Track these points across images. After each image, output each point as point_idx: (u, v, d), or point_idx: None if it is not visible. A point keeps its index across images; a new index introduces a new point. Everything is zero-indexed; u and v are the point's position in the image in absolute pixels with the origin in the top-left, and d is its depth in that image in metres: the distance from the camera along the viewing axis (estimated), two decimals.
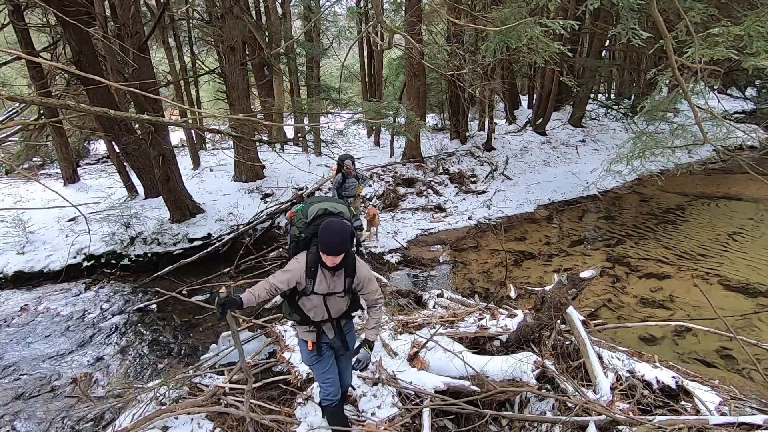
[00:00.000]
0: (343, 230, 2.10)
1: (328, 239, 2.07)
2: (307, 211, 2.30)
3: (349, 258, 2.20)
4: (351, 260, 2.24)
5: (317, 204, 2.30)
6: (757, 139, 9.69)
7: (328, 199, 2.38)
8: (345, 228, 2.12)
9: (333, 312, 2.35)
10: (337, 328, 2.43)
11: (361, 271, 2.28)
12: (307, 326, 2.38)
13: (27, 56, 2.55)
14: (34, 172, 10.88)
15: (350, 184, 6.62)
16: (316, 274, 2.22)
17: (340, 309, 2.38)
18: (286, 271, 2.24)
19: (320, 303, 2.30)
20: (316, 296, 2.27)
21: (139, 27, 6.48)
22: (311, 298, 2.29)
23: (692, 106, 3.68)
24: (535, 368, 2.80)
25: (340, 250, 2.09)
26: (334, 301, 2.32)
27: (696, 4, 4.27)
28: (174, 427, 2.86)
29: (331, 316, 2.37)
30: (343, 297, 2.32)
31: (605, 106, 15.38)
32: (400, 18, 9.39)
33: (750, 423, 2.26)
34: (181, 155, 10.84)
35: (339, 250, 2.09)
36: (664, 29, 3.32)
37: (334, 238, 2.07)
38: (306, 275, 2.22)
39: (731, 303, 4.78)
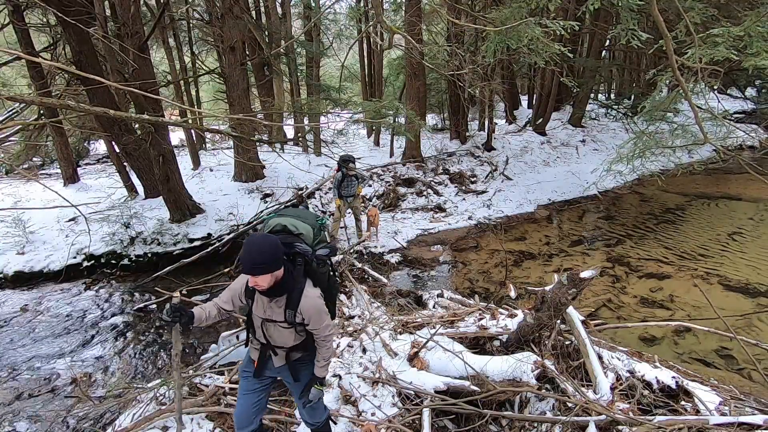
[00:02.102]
0: (268, 248, 1.81)
1: (246, 256, 1.80)
2: (267, 223, 2.12)
3: (287, 285, 1.93)
4: (293, 290, 1.95)
5: (279, 218, 2.08)
6: (757, 139, 9.69)
7: (298, 214, 2.13)
8: (271, 247, 1.82)
9: (274, 341, 2.09)
10: (287, 360, 2.14)
11: (306, 304, 1.95)
12: (256, 343, 2.17)
13: (27, 56, 2.55)
14: (34, 172, 10.89)
15: (349, 183, 6.64)
16: (254, 294, 2.02)
17: (285, 342, 2.08)
18: (229, 289, 2.08)
19: (259, 327, 2.08)
20: (257, 318, 2.07)
21: (139, 27, 6.48)
22: (253, 319, 2.09)
23: (692, 106, 3.68)
24: (535, 368, 2.80)
25: (259, 271, 1.80)
26: (276, 329, 2.05)
27: (696, 4, 4.27)
28: (174, 427, 2.86)
29: (272, 345, 2.11)
30: (287, 328, 2.02)
31: (605, 106, 15.38)
32: (400, 18, 9.39)
33: (750, 423, 2.26)
34: (181, 155, 10.84)
35: (258, 270, 1.80)
36: (664, 29, 3.32)
37: (253, 256, 1.79)
38: (245, 294, 2.05)
39: (731, 303, 4.78)
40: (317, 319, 1.99)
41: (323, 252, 2.02)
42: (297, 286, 1.95)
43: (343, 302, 4.68)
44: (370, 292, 4.96)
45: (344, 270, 5.14)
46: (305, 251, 1.97)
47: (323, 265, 2.06)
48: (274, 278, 1.87)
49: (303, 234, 2.04)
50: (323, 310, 2.01)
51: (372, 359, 3.20)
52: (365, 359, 3.23)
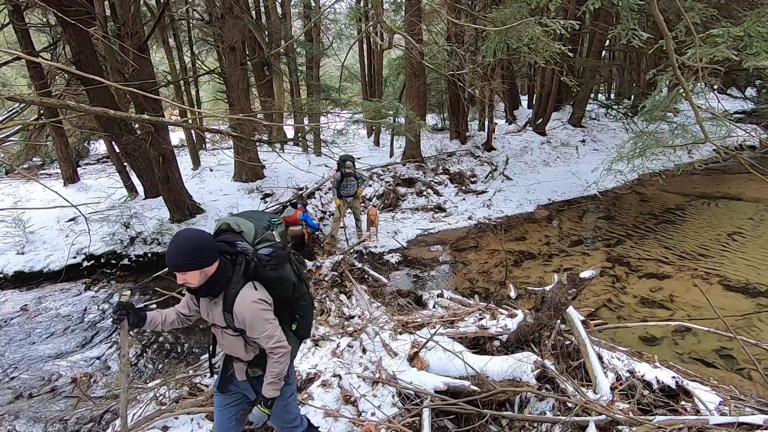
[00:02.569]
0: (192, 243, 1.70)
1: (168, 251, 1.70)
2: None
3: (219, 284, 1.78)
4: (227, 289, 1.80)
5: (229, 218, 1.95)
6: (757, 138, 9.69)
7: (249, 215, 1.99)
8: (197, 241, 1.71)
9: (229, 351, 1.97)
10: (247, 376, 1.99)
11: (239, 306, 1.78)
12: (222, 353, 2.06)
13: (27, 56, 2.55)
14: (34, 172, 10.89)
15: (348, 183, 6.65)
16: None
17: (238, 353, 1.94)
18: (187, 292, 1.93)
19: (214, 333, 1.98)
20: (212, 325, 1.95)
21: (139, 27, 6.48)
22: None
23: (693, 106, 3.67)
24: (535, 368, 2.80)
25: (180, 267, 1.69)
26: (225, 337, 1.92)
27: (696, 4, 4.27)
28: (174, 427, 2.85)
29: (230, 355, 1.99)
30: (234, 336, 1.88)
31: (605, 106, 15.38)
32: (400, 18, 9.39)
33: (750, 423, 2.25)
34: (181, 155, 10.85)
35: (179, 266, 1.69)
36: (664, 29, 3.32)
37: (174, 251, 1.68)
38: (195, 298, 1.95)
39: (731, 303, 4.78)
40: (253, 325, 1.80)
41: (265, 251, 1.83)
42: (233, 286, 1.80)
43: (343, 302, 4.68)
44: (370, 292, 4.96)
45: (344, 270, 5.14)
46: (246, 249, 1.84)
47: (271, 267, 1.83)
48: (205, 275, 1.74)
49: (244, 232, 1.89)
50: (262, 315, 1.80)
51: (372, 359, 3.20)
52: (365, 359, 3.23)
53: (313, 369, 3.23)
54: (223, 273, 1.79)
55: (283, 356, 1.87)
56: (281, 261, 1.85)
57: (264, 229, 1.92)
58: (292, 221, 6.19)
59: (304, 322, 2.09)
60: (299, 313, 2.05)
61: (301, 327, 2.09)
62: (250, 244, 1.86)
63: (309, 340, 3.65)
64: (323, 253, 6.04)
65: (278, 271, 1.87)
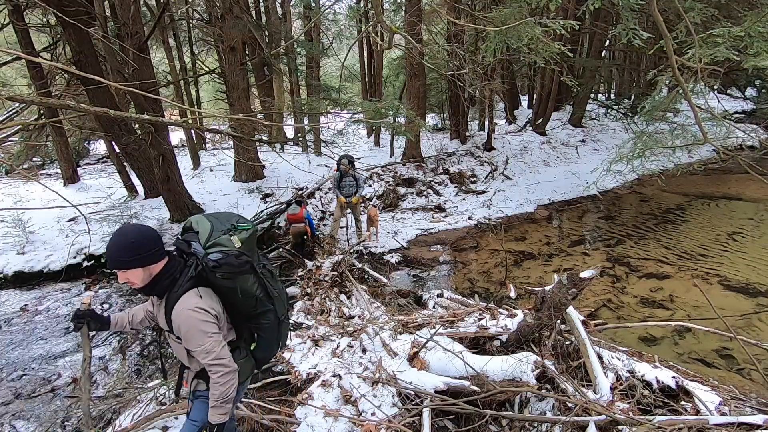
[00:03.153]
0: (131, 239, 1.58)
1: (107, 247, 1.59)
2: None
3: (160, 285, 1.66)
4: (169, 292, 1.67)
5: (196, 216, 1.83)
6: (757, 139, 9.69)
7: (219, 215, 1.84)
8: (138, 237, 1.60)
9: (176, 355, 1.85)
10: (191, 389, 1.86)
11: (177, 312, 1.62)
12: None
13: (27, 56, 2.55)
14: (34, 172, 10.89)
15: (347, 183, 6.66)
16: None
17: (182, 358, 1.83)
18: None
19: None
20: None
21: (139, 27, 6.48)
22: None
23: (692, 106, 3.68)
24: (535, 368, 2.80)
25: (115, 263, 1.58)
26: (172, 342, 1.81)
27: (696, 4, 4.27)
28: (174, 427, 2.86)
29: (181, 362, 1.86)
30: (178, 342, 1.73)
31: (605, 106, 15.39)
32: (400, 18, 9.39)
33: (750, 423, 2.25)
34: (181, 155, 10.86)
35: (115, 263, 1.58)
36: (664, 29, 3.32)
37: (112, 246, 1.58)
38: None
39: (731, 303, 4.78)
40: (188, 336, 1.62)
41: (213, 256, 1.65)
42: (177, 289, 1.65)
43: (343, 302, 4.68)
44: (370, 292, 4.96)
45: (344, 270, 5.14)
46: (197, 252, 1.70)
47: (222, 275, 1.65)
48: (149, 274, 1.63)
49: (199, 232, 1.74)
50: (200, 326, 1.61)
51: (372, 359, 3.20)
52: (365, 359, 3.23)
53: (313, 369, 3.23)
54: (168, 273, 1.66)
55: (222, 376, 1.65)
56: (231, 270, 1.65)
57: (222, 232, 1.73)
58: (297, 219, 6.21)
59: (264, 344, 1.88)
60: (260, 333, 1.86)
61: (261, 349, 1.88)
62: (201, 246, 1.71)
63: (309, 340, 3.64)
64: (323, 253, 6.04)
65: (234, 281, 1.69)
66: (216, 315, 1.68)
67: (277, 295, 1.86)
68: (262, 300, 1.79)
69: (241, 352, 1.82)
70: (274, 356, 2.00)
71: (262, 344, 1.87)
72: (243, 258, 1.69)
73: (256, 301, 1.77)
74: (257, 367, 1.93)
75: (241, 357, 1.81)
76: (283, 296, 1.92)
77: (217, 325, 1.67)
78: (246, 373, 1.86)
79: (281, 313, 1.88)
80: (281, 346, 1.97)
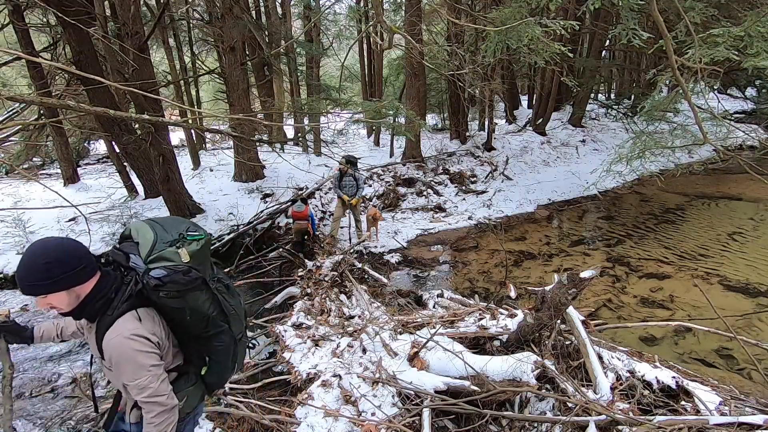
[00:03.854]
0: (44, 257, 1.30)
1: (17, 269, 1.33)
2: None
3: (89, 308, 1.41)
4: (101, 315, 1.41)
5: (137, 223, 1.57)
6: (757, 139, 9.69)
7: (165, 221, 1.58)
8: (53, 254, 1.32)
9: (114, 384, 1.62)
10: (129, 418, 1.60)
11: (108, 341, 1.38)
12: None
13: (27, 56, 2.55)
14: (34, 172, 10.89)
15: (347, 183, 6.68)
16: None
17: (117, 386, 1.58)
18: None
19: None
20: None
21: (139, 27, 6.48)
22: None
23: (692, 106, 3.68)
24: (535, 368, 2.80)
25: (27, 288, 1.32)
26: (106, 369, 1.51)
27: (696, 4, 4.27)
28: None
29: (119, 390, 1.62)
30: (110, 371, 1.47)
31: (605, 106, 15.39)
32: (400, 18, 9.39)
33: (750, 423, 2.26)
34: (181, 155, 10.86)
35: (26, 287, 1.32)
36: (664, 29, 3.32)
37: (21, 268, 1.31)
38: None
39: (731, 303, 4.78)
40: (121, 368, 1.38)
41: (156, 273, 1.40)
42: (111, 312, 1.40)
43: (343, 302, 4.68)
44: (370, 292, 4.96)
45: (344, 270, 5.14)
46: (138, 267, 1.46)
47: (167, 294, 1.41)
48: (76, 296, 1.38)
49: (140, 243, 1.49)
50: (135, 358, 1.36)
51: (372, 359, 3.20)
52: (365, 359, 3.23)
53: (313, 369, 3.23)
54: (100, 293, 1.41)
55: (158, 415, 1.41)
56: (178, 288, 1.42)
57: (167, 243, 1.48)
58: (301, 216, 6.25)
59: (216, 368, 1.64)
60: (212, 356, 1.62)
61: (213, 374, 1.65)
62: (142, 261, 1.46)
63: (309, 340, 3.64)
64: (323, 253, 6.04)
65: (182, 300, 1.44)
66: (158, 342, 1.44)
67: (234, 312, 1.64)
68: (215, 319, 1.55)
69: (189, 378, 1.60)
70: (228, 380, 1.78)
71: (214, 368, 1.64)
72: (192, 274, 1.45)
73: (208, 321, 1.53)
74: (208, 393, 1.71)
75: (189, 384, 1.59)
76: (240, 313, 1.70)
77: (157, 354, 1.43)
78: (194, 402, 1.64)
79: (237, 332, 1.65)
80: (237, 368, 1.74)
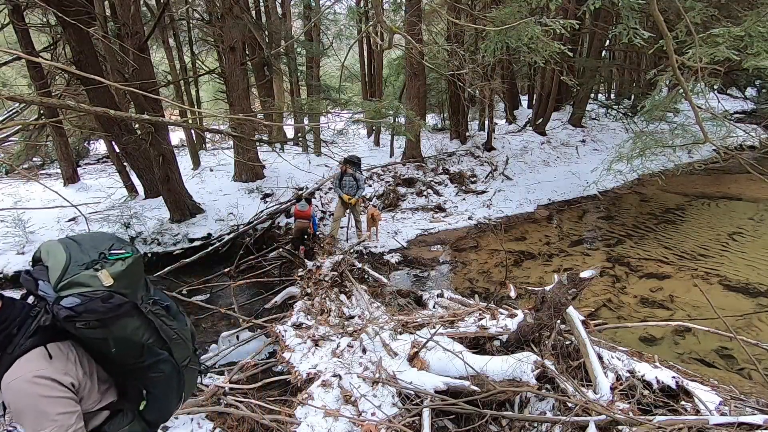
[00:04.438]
0: None
1: None
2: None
3: None
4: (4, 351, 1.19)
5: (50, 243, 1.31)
6: (757, 139, 9.69)
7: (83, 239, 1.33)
8: None
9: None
10: None
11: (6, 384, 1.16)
12: None
13: (27, 56, 2.55)
14: (34, 172, 10.89)
15: (347, 183, 6.69)
16: None
17: None
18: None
19: None
20: None
21: (139, 27, 6.48)
22: None
23: (693, 106, 3.68)
24: (535, 368, 2.80)
25: None
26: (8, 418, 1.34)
27: (696, 4, 4.27)
28: (174, 427, 2.86)
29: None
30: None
31: (605, 106, 15.38)
32: (400, 18, 9.39)
33: (750, 423, 2.25)
34: (181, 155, 10.86)
35: None
36: (664, 29, 3.32)
37: None
38: None
39: (731, 303, 4.78)
40: (23, 417, 1.15)
41: (68, 302, 1.18)
42: (12, 349, 1.18)
43: (343, 302, 4.68)
44: (370, 292, 4.95)
45: (344, 270, 5.14)
46: (47, 295, 1.22)
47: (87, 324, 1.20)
48: None
49: (50, 267, 1.24)
50: (39, 407, 1.13)
51: (372, 359, 3.20)
52: (365, 359, 3.23)
53: (313, 369, 3.23)
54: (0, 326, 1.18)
55: None
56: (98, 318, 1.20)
57: (83, 265, 1.24)
58: (305, 215, 6.26)
59: (156, 402, 1.41)
60: (150, 389, 1.40)
61: (153, 409, 1.41)
62: (52, 288, 1.21)
63: (309, 340, 3.64)
64: (323, 253, 6.04)
65: (106, 330, 1.23)
66: (72, 383, 1.20)
67: (176, 336, 1.43)
68: (151, 347, 1.34)
69: (125, 416, 1.37)
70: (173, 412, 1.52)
71: (154, 403, 1.41)
72: (115, 300, 1.24)
73: (142, 350, 1.32)
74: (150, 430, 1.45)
75: (124, 424, 1.35)
76: (186, 335, 1.49)
77: (69, 399, 1.19)
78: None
79: (182, 359, 1.45)
80: (184, 398, 1.53)
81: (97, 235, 1.38)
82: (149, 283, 1.45)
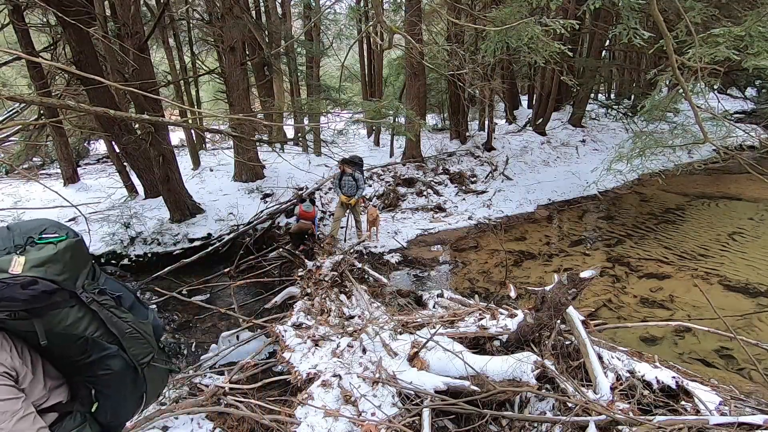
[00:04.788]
0: None
1: None
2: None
3: None
4: None
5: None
6: (757, 139, 9.69)
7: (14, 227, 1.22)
8: None
9: None
10: None
11: None
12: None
13: (27, 56, 2.55)
14: (34, 172, 10.88)
15: (346, 183, 6.68)
16: None
17: None
18: None
19: None
20: None
21: (139, 27, 6.48)
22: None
23: (692, 106, 3.68)
24: (535, 368, 2.80)
25: None
26: None
27: (696, 3, 4.27)
28: (174, 427, 2.86)
29: None
30: None
31: (605, 106, 15.38)
32: (400, 18, 9.39)
33: (750, 423, 2.25)
34: (181, 155, 10.86)
35: None
36: (664, 29, 3.32)
37: None
38: None
39: (731, 303, 4.78)
40: None
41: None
42: None
43: (343, 302, 4.68)
44: (370, 292, 4.95)
45: (344, 270, 5.14)
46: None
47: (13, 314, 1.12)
48: None
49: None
50: None
51: (372, 359, 3.20)
52: (365, 359, 3.23)
53: (313, 369, 3.23)
54: None
55: None
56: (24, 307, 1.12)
57: (4, 250, 1.15)
58: (309, 216, 6.28)
59: (108, 403, 1.29)
60: (98, 388, 1.28)
61: (105, 410, 1.29)
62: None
63: (309, 340, 3.64)
64: (323, 253, 6.04)
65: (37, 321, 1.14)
66: (6, 371, 1.11)
67: (131, 330, 1.31)
68: (97, 341, 1.24)
69: (75, 418, 1.25)
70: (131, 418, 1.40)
71: (105, 403, 1.28)
72: (39, 286, 1.13)
73: (86, 344, 1.22)
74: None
75: (74, 426, 1.24)
76: (145, 329, 1.36)
77: (10, 387, 1.10)
78: None
79: (141, 355, 1.33)
80: (146, 401, 1.39)
81: (35, 221, 1.26)
82: (97, 271, 1.33)
